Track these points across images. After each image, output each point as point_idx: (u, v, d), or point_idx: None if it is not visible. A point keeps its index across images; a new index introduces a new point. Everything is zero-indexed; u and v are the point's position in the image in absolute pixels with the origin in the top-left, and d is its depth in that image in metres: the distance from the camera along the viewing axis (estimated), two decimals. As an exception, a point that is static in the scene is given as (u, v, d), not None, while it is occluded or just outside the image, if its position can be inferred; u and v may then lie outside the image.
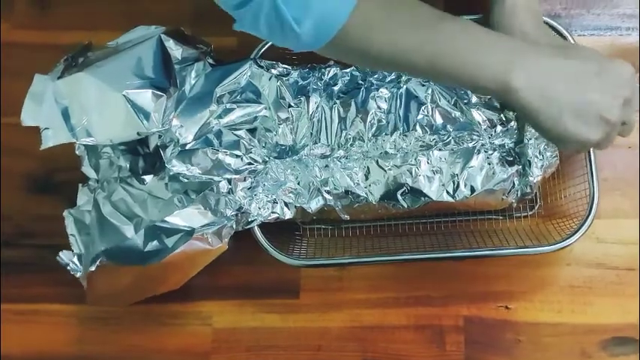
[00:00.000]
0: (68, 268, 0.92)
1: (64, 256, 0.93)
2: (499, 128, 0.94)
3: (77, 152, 0.96)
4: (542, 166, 0.93)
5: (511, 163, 0.93)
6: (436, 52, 0.74)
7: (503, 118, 0.94)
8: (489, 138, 0.94)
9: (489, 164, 0.93)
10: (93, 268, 0.88)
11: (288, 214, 0.94)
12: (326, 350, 0.98)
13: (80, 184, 0.97)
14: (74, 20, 1.09)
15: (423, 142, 0.94)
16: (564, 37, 0.95)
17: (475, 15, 0.94)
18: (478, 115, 0.94)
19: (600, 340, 0.96)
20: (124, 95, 0.87)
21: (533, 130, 0.91)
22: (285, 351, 0.99)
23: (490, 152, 0.93)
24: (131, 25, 0.95)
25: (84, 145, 0.94)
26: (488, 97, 0.93)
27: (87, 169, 0.96)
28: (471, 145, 0.94)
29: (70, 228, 0.94)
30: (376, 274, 1.00)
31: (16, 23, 1.10)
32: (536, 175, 0.93)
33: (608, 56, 0.78)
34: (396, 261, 0.97)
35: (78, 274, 0.92)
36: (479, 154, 0.93)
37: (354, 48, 0.74)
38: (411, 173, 0.94)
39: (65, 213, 0.95)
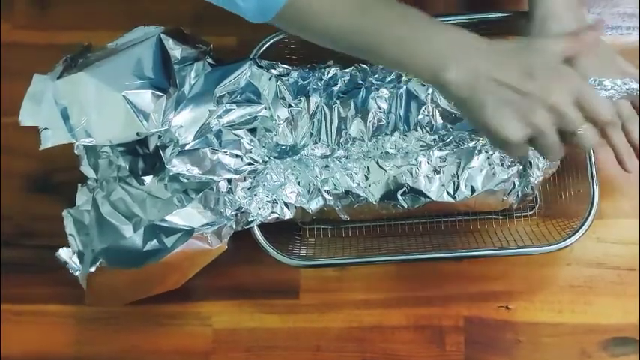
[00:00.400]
0: (67, 265, 0.92)
1: (62, 253, 0.92)
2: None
3: (76, 152, 0.95)
4: (543, 166, 0.93)
5: (511, 164, 0.93)
6: (375, 37, 0.78)
7: None
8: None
9: (490, 165, 0.93)
10: (92, 269, 0.88)
11: (288, 215, 0.94)
12: (325, 350, 0.98)
13: (79, 184, 0.97)
14: (74, 20, 1.09)
15: (424, 142, 0.93)
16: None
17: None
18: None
19: (600, 340, 0.96)
20: (123, 95, 0.87)
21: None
22: (284, 351, 0.99)
23: (490, 153, 0.93)
24: (131, 25, 0.95)
25: (83, 145, 0.94)
26: None
27: (86, 169, 0.96)
28: (471, 145, 0.93)
29: (69, 228, 0.94)
30: (376, 274, 0.99)
31: (16, 23, 1.10)
32: (536, 175, 0.93)
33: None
34: (395, 261, 0.97)
35: (77, 273, 0.92)
36: (479, 154, 0.93)
37: (300, 24, 0.79)
38: (411, 173, 0.94)
39: (64, 213, 0.95)
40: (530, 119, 0.74)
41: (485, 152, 0.93)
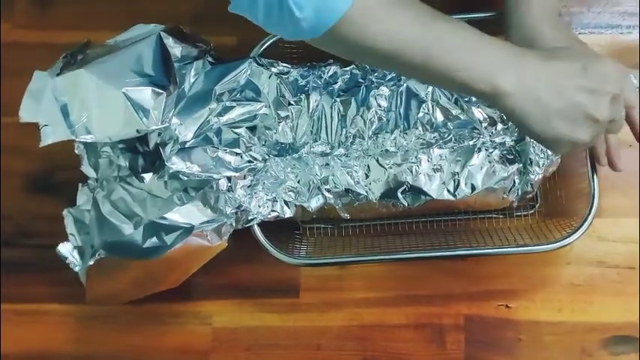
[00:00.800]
0: (67, 261, 0.92)
1: (63, 249, 0.92)
2: (500, 126, 0.94)
3: (76, 151, 0.96)
4: (543, 164, 0.93)
5: (512, 162, 0.93)
6: (430, 50, 0.74)
7: (504, 117, 0.94)
8: (490, 136, 0.94)
9: (490, 162, 0.93)
10: (92, 262, 0.88)
11: (288, 213, 0.94)
12: (326, 349, 0.98)
13: (80, 184, 0.97)
14: (74, 20, 1.09)
15: (424, 140, 0.94)
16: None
17: (487, 13, 0.96)
18: (479, 113, 0.94)
19: (601, 339, 0.96)
20: (123, 92, 0.87)
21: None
22: (284, 350, 0.99)
23: (491, 150, 0.93)
24: (131, 25, 0.95)
25: (83, 143, 0.94)
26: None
27: (86, 169, 0.96)
28: (471, 143, 0.93)
29: (70, 227, 0.95)
30: (376, 273, 0.99)
31: (16, 23, 1.10)
32: (537, 173, 0.93)
33: (608, 54, 0.79)
34: (396, 260, 0.97)
35: (77, 268, 0.92)
36: (479, 152, 0.93)
37: (350, 39, 0.73)
38: (411, 171, 0.94)
39: (65, 212, 0.95)
40: (595, 117, 0.75)
41: (485, 150, 0.93)
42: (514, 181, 0.93)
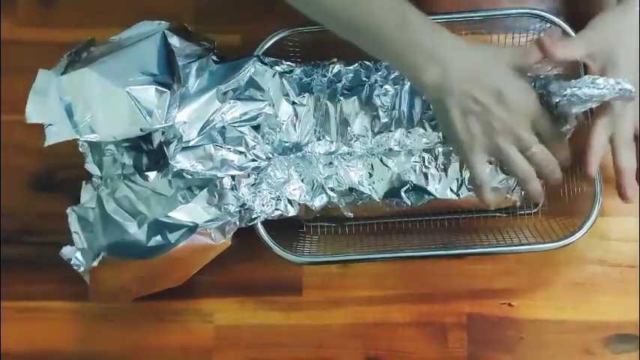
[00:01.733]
0: (71, 263, 0.92)
1: (66, 251, 0.92)
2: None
3: (80, 149, 0.96)
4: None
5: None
6: (363, 19, 0.80)
7: None
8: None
9: (493, 162, 0.93)
10: (95, 264, 0.88)
11: (292, 212, 0.94)
12: (328, 347, 0.98)
13: (84, 182, 0.97)
14: (77, 18, 1.09)
15: (428, 139, 0.94)
16: (567, 34, 0.94)
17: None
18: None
19: (603, 338, 0.96)
20: (127, 91, 0.87)
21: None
22: (287, 348, 0.99)
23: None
24: (134, 23, 0.95)
25: (87, 141, 0.94)
26: None
27: (90, 166, 0.96)
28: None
29: (74, 225, 0.94)
30: (379, 271, 0.99)
31: (20, 20, 1.09)
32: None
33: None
34: (399, 258, 0.97)
35: (81, 269, 0.92)
36: (483, 151, 0.93)
37: None
38: (414, 171, 0.94)
39: (69, 210, 0.95)
40: (494, 140, 0.80)
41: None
42: (517, 181, 0.93)
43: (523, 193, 0.94)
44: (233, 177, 0.91)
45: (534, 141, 0.81)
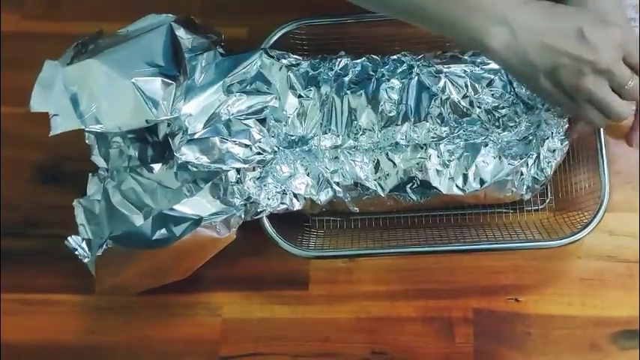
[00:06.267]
0: (76, 253, 0.92)
1: (72, 241, 0.92)
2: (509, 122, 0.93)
3: (87, 141, 0.95)
4: (551, 160, 0.93)
5: (520, 157, 0.93)
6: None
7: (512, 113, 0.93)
8: (499, 131, 0.93)
9: (499, 157, 0.92)
10: (100, 253, 0.88)
11: (297, 206, 0.94)
12: (334, 341, 0.98)
13: (90, 174, 0.97)
14: (84, 11, 1.09)
15: (435, 133, 0.93)
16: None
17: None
18: (487, 108, 0.93)
19: (610, 333, 0.96)
20: (133, 83, 0.86)
21: (541, 126, 0.92)
22: (293, 342, 0.99)
23: (499, 145, 0.93)
24: (141, 16, 0.95)
25: (94, 133, 0.94)
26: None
27: (97, 159, 0.96)
28: (480, 138, 0.93)
29: (80, 217, 0.94)
30: (385, 266, 0.99)
31: (27, 14, 1.10)
32: (545, 168, 0.93)
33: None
34: (405, 253, 0.97)
35: (86, 260, 0.92)
36: (488, 147, 0.93)
37: None
38: (420, 166, 0.93)
39: (75, 202, 0.95)
40: (577, 84, 0.76)
41: (494, 145, 0.93)
42: (523, 176, 0.93)
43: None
44: (238, 170, 0.91)
45: (628, 76, 0.77)
